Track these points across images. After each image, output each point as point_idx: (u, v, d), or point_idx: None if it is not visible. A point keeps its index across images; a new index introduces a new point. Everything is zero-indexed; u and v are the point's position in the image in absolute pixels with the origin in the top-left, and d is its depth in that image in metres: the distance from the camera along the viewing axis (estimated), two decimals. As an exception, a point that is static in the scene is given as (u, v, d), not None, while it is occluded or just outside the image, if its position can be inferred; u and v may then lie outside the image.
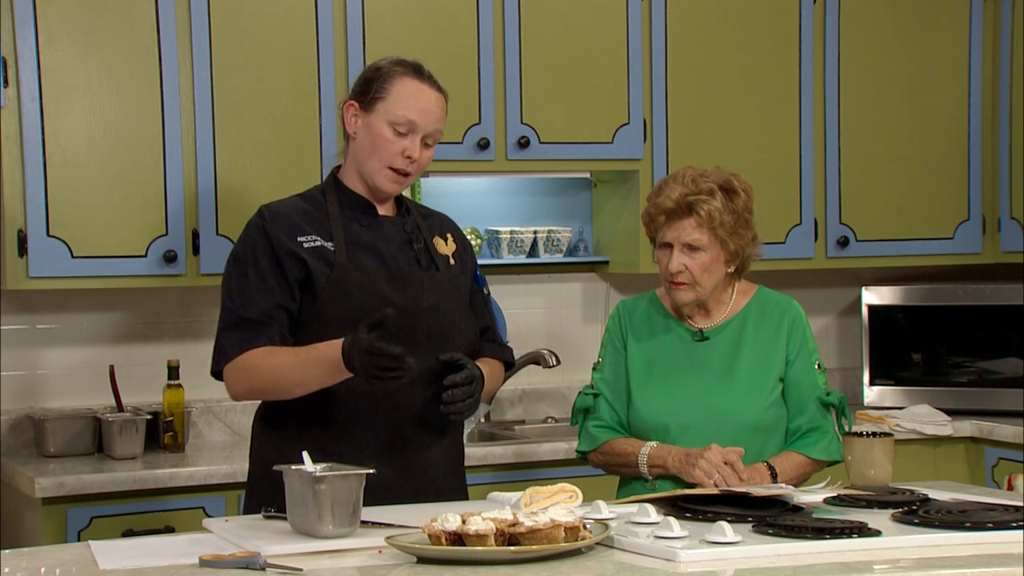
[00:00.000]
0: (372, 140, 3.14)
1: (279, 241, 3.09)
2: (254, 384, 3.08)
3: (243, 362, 3.07)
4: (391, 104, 3.13)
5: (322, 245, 3.11)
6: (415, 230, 3.23)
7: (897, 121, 5.00)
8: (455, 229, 3.35)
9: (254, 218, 3.18)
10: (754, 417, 3.32)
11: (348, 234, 3.14)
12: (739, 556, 2.50)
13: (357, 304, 3.06)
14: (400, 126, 3.13)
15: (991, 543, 2.59)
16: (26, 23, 3.95)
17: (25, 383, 4.32)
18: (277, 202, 3.22)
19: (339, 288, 3.08)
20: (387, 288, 3.10)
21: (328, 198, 3.19)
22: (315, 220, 3.15)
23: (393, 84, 3.15)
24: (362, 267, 3.11)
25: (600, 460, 3.43)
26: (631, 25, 4.63)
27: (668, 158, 4.68)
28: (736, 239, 3.32)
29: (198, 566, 2.48)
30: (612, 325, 3.48)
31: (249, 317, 3.07)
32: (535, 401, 4.94)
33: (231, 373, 3.10)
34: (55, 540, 3.74)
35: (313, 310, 3.08)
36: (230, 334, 3.09)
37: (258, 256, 3.10)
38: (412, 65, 3.19)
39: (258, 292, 3.08)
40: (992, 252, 5.10)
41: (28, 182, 3.97)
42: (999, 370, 4.87)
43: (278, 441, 3.13)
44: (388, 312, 2.94)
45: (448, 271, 3.24)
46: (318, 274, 3.08)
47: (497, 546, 2.44)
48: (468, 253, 3.35)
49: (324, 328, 3.05)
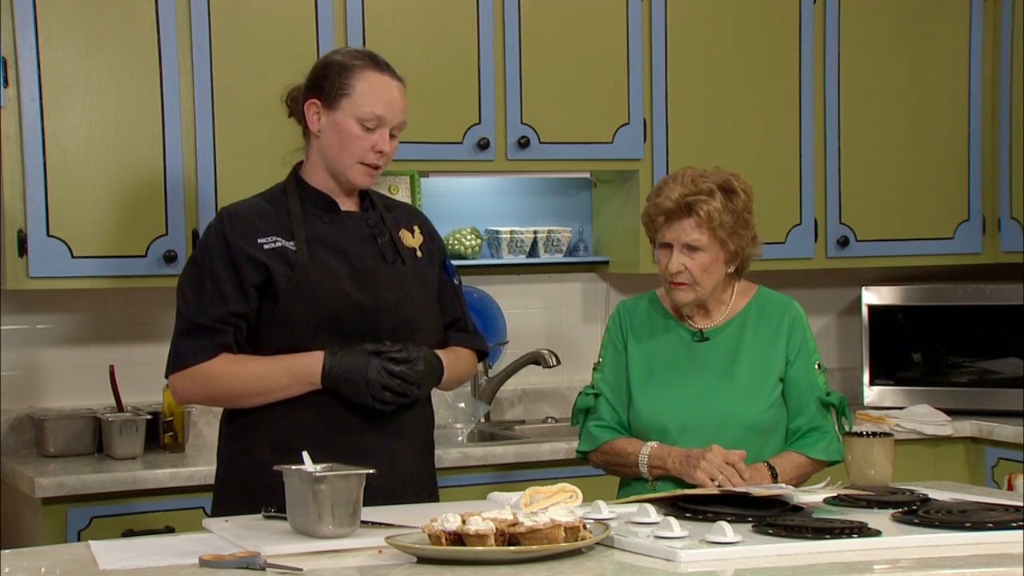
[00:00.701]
0: (341, 138, 3.12)
1: (237, 246, 3.08)
2: (209, 392, 3.09)
3: (200, 370, 3.06)
4: (357, 100, 3.11)
5: (283, 245, 3.09)
6: (379, 224, 3.21)
7: (897, 121, 5.00)
8: (422, 220, 3.33)
9: (213, 222, 3.17)
10: (754, 417, 3.32)
11: (310, 232, 3.12)
12: (739, 556, 2.50)
13: (319, 304, 3.05)
14: (368, 122, 3.11)
15: (991, 543, 2.59)
16: (26, 23, 3.95)
17: (25, 383, 4.33)
18: (238, 203, 3.20)
19: (300, 288, 3.06)
20: (350, 286, 3.09)
21: (290, 196, 3.17)
22: (275, 220, 3.13)
23: (356, 79, 3.12)
24: (324, 265, 3.09)
25: (600, 460, 3.43)
26: (631, 25, 4.63)
27: (668, 158, 4.68)
28: (736, 239, 3.32)
29: (198, 566, 2.48)
30: (612, 325, 3.48)
31: (203, 324, 3.06)
32: (535, 401, 4.94)
33: (182, 380, 3.09)
34: (55, 540, 3.74)
35: (275, 312, 3.06)
36: (185, 341, 3.08)
37: (215, 262, 3.08)
38: (369, 56, 3.17)
39: (213, 299, 3.06)
40: (992, 252, 5.10)
41: (28, 182, 3.97)
42: (999, 370, 4.87)
43: (247, 443, 3.12)
44: (396, 348, 3.02)
45: (415, 264, 3.21)
46: (279, 275, 3.06)
47: (497, 546, 2.44)
48: (436, 243, 3.32)
49: (287, 329, 3.05)
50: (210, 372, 3.06)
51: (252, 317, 3.08)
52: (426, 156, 4.41)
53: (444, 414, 4.44)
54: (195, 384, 3.08)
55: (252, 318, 3.08)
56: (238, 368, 3.06)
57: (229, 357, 3.07)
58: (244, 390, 3.07)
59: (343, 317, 3.06)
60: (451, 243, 4.73)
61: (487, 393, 4.74)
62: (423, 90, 4.37)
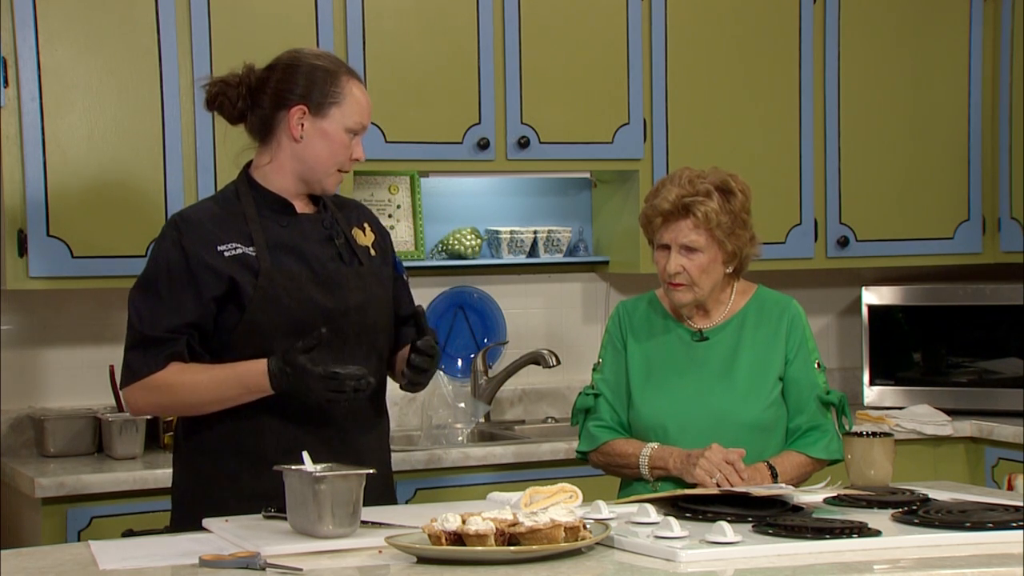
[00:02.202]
0: (330, 146, 3.09)
1: (196, 256, 3.03)
2: (161, 401, 3.07)
3: (152, 381, 3.03)
4: (348, 110, 3.09)
5: (243, 252, 3.04)
6: (334, 225, 3.18)
7: (897, 121, 5.00)
8: (371, 217, 3.30)
9: (167, 229, 3.10)
10: (754, 416, 3.32)
11: (268, 236, 3.08)
12: (739, 556, 2.50)
13: (286, 310, 3.03)
14: (355, 131, 3.11)
15: (991, 543, 2.59)
16: (26, 23, 3.95)
17: (25, 383, 4.32)
18: (190, 209, 3.17)
19: (266, 295, 3.02)
20: (314, 290, 3.06)
21: (243, 199, 3.12)
22: (232, 225, 3.08)
23: (346, 89, 3.10)
24: (286, 271, 3.06)
25: (601, 460, 3.43)
26: (631, 25, 4.63)
27: (668, 158, 4.68)
28: (734, 240, 3.32)
29: (198, 566, 2.48)
30: (612, 326, 3.48)
31: (155, 336, 3.02)
32: (535, 401, 4.94)
33: (136, 392, 3.06)
34: (55, 540, 3.74)
35: (242, 320, 3.02)
36: (136, 353, 3.05)
37: (172, 272, 3.03)
38: (343, 62, 3.18)
39: (167, 311, 3.02)
40: (992, 252, 5.09)
41: (28, 182, 3.97)
42: (999, 370, 4.87)
43: (206, 450, 3.10)
44: (321, 333, 2.92)
45: (371, 263, 3.19)
46: (244, 283, 3.02)
47: (497, 546, 2.44)
48: (386, 240, 3.30)
49: (254, 337, 3.02)
50: (160, 382, 3.02)
51: (209, 326, 3.04)
52: (426, 156, 4.41)
53: (444, 414, 4.44)
54: (149, 395, 3.05)
55: (208, 328, 3.04)
56: (188, 377, 3.02)
57: (179, 366, 3.02)
58: (195, 400, 3.03)
59: (309, 322, 3.01)
60: (451, 243, 4.73)
61: (487, 393, 4.74)
62: (423, 90, 4.37)
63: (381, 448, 3.21)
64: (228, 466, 3.06)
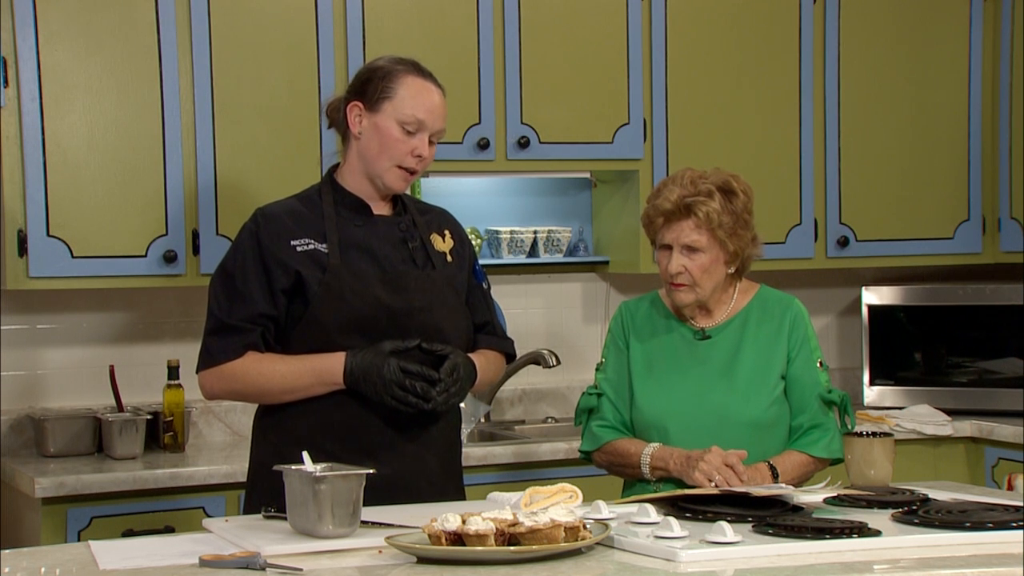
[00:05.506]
0: (381, 140, 3.15)
1: (269, 249, 3.12)
2: (236, 388, 3.15)
3: (229, 368, 3.12)
4: (399, 103, 3.14)
5: (315, 248, 3.13)
6: (411, 228, 3.24)
7: (897, 121, 5.00)
8: (453, 224, 3.36)
9: (248, 223, 3.20)
10: (756, 415, 3.32)
11: (343, 235, 3.16)
12: (739, 556, 2.50)
13: (349, 307, 3.09)
14: (409, 125, 3.14)
15: (991, 543, 2.59)
16: (26, 23, 3.95)
17: (25, 383, 4.33)
18: (273, 204, 3.24)
19: (331, 291, 3.10)
20: (380, 290, 3.12)
21: (324, 198, 3.21)
22: (309, 222, 3.17)
23: (398, 83, 3.16)
24: (355, 269, 3.13)
25: (603, 460, 3.43)
26: (631, 25, 4.63)
27: (668, 158, 4.68)
28: (735, 240, 3.32)
29: (198, 566, 2.48)
30: (615, 326, 3.49)
31: (232, 324, 3.11)
32: (535, 401, 4.94)
33: (211, 377, 3.16)
34: (55, 540, 3.74)
35: (306, 314, 3.10)
36: (215, 339, 3.14)
37: (247, 264, 3.13)
38: (412, 63, 3.21)
39: (244, 300, 3.12)
40: (992, 252, 5.10)
41: (28, 182, 3.97)
42: (999, 370, 4.87)
43: (277, 443, 3.15)
44: (414, 343, 3.06)
45: (445, 268, 3.24)
46: (310, 279, 3.10)
47: (497, 546, 2.44)
48: (466, 248, 3.35)
49: (318, 331, 3.10)
50: (237, 370, 3.12)
51: (281, 319, 3.13)
52: (426, 156, 4.41)
53: (444, 414, 4.44)
54: (223, 381, 3.15)
55: (281, 320, 3.13)
56: (264, 367, 3.11)
57: (256, 356, 3.12)
58: (269, 388, 3.13)
59: (372, 320, 3.10)
60: (451, 243, 4.73)
61: (487, 393, 4.73)
62: (423, 90, 4.37)
63: (447, 439, 3.26)
64: (299, 432, 3.11)
